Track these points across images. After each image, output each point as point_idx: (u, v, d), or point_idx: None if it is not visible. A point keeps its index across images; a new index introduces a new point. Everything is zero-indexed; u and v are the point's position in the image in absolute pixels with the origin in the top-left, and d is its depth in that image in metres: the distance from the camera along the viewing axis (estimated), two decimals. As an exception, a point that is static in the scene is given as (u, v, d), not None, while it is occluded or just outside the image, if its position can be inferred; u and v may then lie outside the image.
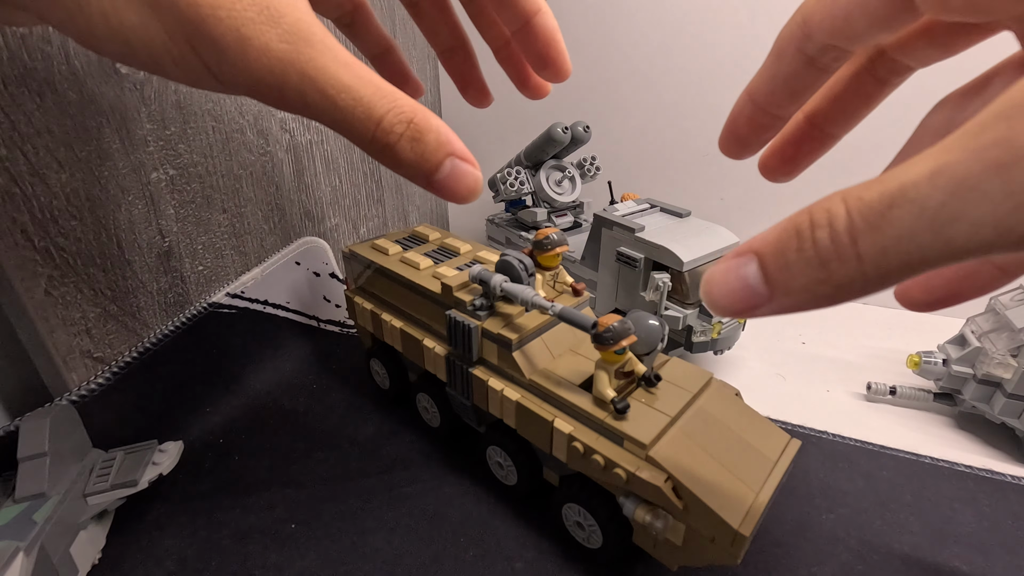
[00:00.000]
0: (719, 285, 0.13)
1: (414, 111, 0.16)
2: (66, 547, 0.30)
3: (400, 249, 0.42)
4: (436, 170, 0.16)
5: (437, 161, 0.16)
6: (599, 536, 0.31)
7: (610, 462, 0.28)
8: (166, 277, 0.41)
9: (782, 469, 0.29)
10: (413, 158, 0.16)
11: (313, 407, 0.46)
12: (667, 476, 0.27)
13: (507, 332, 0.33)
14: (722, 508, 0.26)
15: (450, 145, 0.16)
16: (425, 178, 0.17)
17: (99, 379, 0.37)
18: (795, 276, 0.11)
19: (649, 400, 0.30)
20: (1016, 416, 0.40)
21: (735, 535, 0.25)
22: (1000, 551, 0.34)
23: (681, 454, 0.28)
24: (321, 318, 0.55)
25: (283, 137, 0.50)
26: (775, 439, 0.30)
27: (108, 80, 0.35)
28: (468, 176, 0.17)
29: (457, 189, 0.17)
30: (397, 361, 0.45)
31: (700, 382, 0.32)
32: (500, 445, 0.36)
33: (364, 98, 0.15)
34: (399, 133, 0.16)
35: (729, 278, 0.12)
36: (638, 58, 0.65)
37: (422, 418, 0.44)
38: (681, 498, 0.27)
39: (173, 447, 0.36)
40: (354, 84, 0.15)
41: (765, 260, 0.12)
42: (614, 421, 0.29)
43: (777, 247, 0.12)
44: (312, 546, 0.34)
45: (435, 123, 0.16)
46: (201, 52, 0.15)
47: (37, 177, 0.32)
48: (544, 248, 0.34)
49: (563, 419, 0.31)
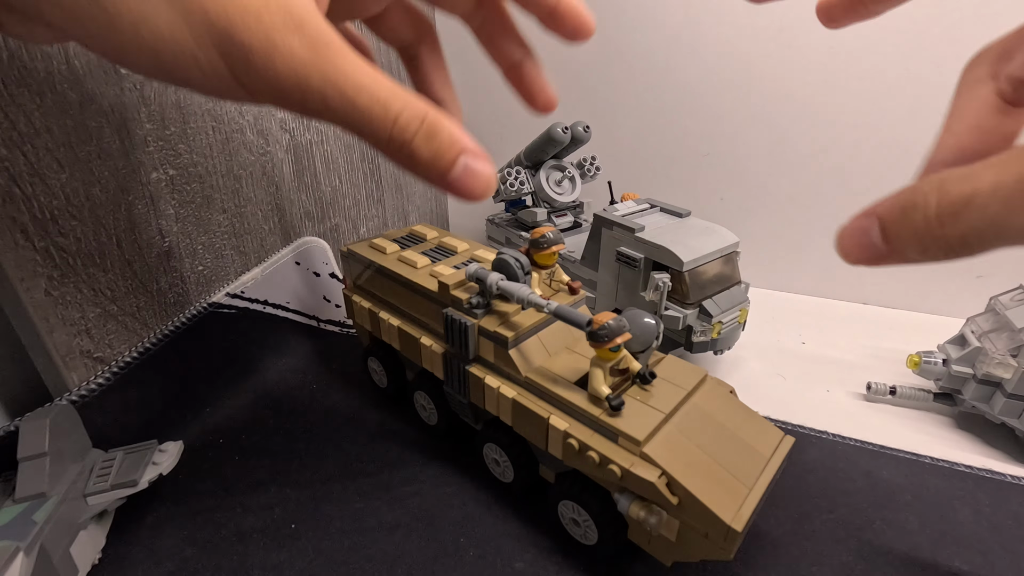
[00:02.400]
0: (850, 239, 0.16)
1: (427, 110, 0.16)
2: (66, 547, 0.30)
3: (398, 248, 0.42)
4: (451, 168, 0.17)
5: (452, 158, 0.17)
6: (594, 532, 0.31)
7: (605, 458, 0.28)
8: (166, 277, 0.41)
9: (775, 465, 0.29)
10: (429, 155, 0.16)
11: (313, 407, 0.46)
12: (661, 472, 0.27)
13: (503, 330, 0.33)
14: (715, 504, 0.26)
15: (463, 141, 0.17)
16: (441, 177, 0.17)
17: (99, 379, 0.37)
18: (905, 240, 0.15)
19: (644, 397, 0.30)
20: (1016, 416, 0.40)
21: (728, 530, 0.25)
22: (1000, 551, 0.34)
23: (675, 450, 0.28)
24: (321, 318, 0.55)
25: (283, 137, 0.50)
26: (769, 436, 0.31)
27: (108, 80, 0.35)
28: (483, 174, 0.17)
29: (473, 187, 0.17)
30: (395, 359, 0.45)
31: (695, 380, 0.32)
32: (496, 442, 0.36)
33: (381, 97, 0.16)
34: (414, 130, 0.16)
35: (858, 233, 0.16)
36: (638, 58, 0.64)
37: (420, 417, 0.44)
38: (675, 494, 0.27)
39: (173, 447, 0.36)
40: (371, 85, 0.16)
41: (884, 224, 0.15)
42: (609, 418, 0.29)
43: (892, 216, 0.15)
44: (312, 546, 0.34)
45: (446, 122, 0.17)
46: (230, 59, 0.15)
47: (37, 177, 0.32)
48: (540, 246, 0.34)
49: (558, 416, 0.31)
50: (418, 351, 0.39)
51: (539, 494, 0.35)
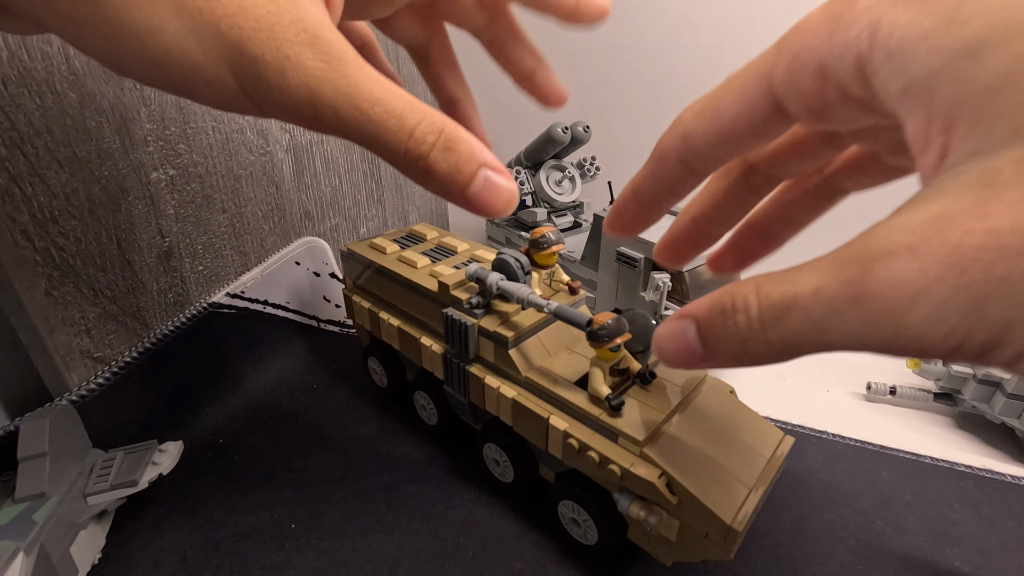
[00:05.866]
0: (667, 341, 0.15)
1: (445, 122, 0.16)
2: (66, 547, 0.30)
3: (398, 248, 0.42)
4: (470, 183, 0.16)
5: (471, 172, 0.16)
6: (594, 532, 0.31)
7: (605, 458, 0.28)
8: (166, 277, 0.41)
9: (776, 465, 0.29)
10: (446, 170, 0.16)
11: (313, 407, 0.46)
12: (661, 472, 0.27)
13: (503, 330, 0.33)
14: (715, 504, 0.26)
15: (482, 155, 0.16)
16: (459, 192, 0.16)
17: (99, 379, 0.37)
18: (722, 344, 0.14)
19: (644, 397, 0.30)
20: (1016, 416, 0.40)
21: (728, 530, 0.25)
22: (1000, 551, 0.34)
23: (675, 450, 0.28)
24: (321, 318, 0.55)
25: (283, 137, 0.50)
26: (769, 436, 0.31)
27: (108, 80, 0.35)
28: (503, 189, 0.17)
29: (493, 202, 0.17)
30: (395, 359, 0.45)
31: (695, 380, 0.32)
32: (496, 442, 0.36)
33: (396, 110, 0.15)
34: (431, 143, 0.16)
35: (675, 336, 0.15)
36: (638, 58, 0.65)
37: (420, 417, 0.44)
38: (675, 494, 0.27)
39: (173, 447, 0.36)
40: (386, 97, 0.15)
41: (700, 327, 0.15)
42: (609, 418, 0.29)
43: (708, 318, 0.14)
44: (312, 546, 0.34)
45: (466, 135, 0.16)
46: (239, 73, 0.15)
47: (37, 177, 0.32)
48: (540, 247, 0.34)
49: (558, 416, 0.31)
50: (418, 351, 0.38)
51: (539, 494, 0.35)
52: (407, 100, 0.16)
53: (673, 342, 0.15)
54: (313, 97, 0.15)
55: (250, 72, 0.15)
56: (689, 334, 0.15)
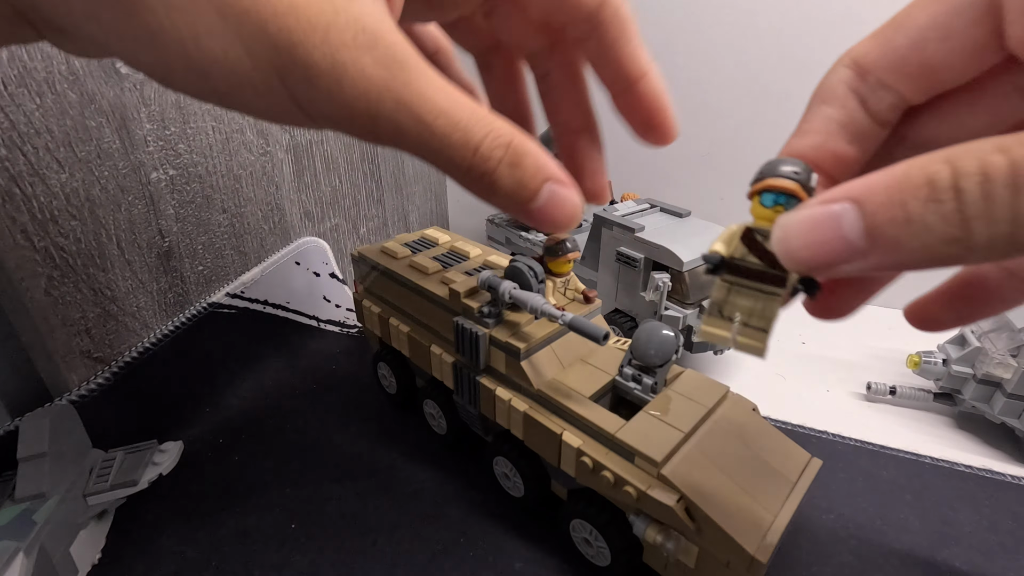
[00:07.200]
0: (801, 234, 0.11)
1: (512, 134, 0.15)
2: (66, 547, 0.30)
3: (409, 252, 0.41)
4: (534, 198, 0.15)
5: (535, 188, 0.15)
6: (607, 554, 0.30)
7: (620, 479, 0.27)
8: (166, 277, 0.41)
9: (802, 490, 0.27)
10: (511, 186, 0.15)
11: (313, 407, 0.46)
12: (680, 496, 0.25)
13: (515, 340, 0.31)
14: (738, 532, 0.24)
15: (548, 168, 0.15)
16: (522, 206, 0.15)
17: (99, 379, 0.37)
18: (916, 232, 0.10)
19: (662, 414, 0.29)
20: (1016, 416, 0.40)
21: (752, 561, 0.24)
22: (1000, 551, 0.34)
23: (695, 473, 0.26)
24: (321, 318, 0.55)
25: (283, 137, 0.50)
26: (795, 458, 0.29)
27: (108, 80, 0.35)
28: (568, 203, 0.16)
29: (557, 218, 0.16)
30: (405, 366, 0.44)
31: (716, 396, 0.30)
32: (507, 456, 0.35)
33: (461, 122, 0.14)
34: (498, 159, 0.15)
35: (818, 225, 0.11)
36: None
37: (424, 419, 0.43)
38: (694, 519, 0.25)
39: (173, 447, 0.36)
40: (451, 108, 0.14)
41: (872, 210, 0.10)
42: (625, 436, 0.27)
43: (892, 196, 0.10)
44: (312, 546, 0.34)
45: (532, 146, 0.15)
46: (290, 81, 0.13)
47: (37, 177, 0.32)
48: (555, 254, 0.33)
49: (572, 432, 0.29)
50: (428, 359, 0.37)
51: (550, 509, 0.35)
52: (472, 110, 0.15)
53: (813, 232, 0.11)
54: (371, 109, 0.13)
55: (301, 80, 0.13)
56: (845, 222, 0.11)
